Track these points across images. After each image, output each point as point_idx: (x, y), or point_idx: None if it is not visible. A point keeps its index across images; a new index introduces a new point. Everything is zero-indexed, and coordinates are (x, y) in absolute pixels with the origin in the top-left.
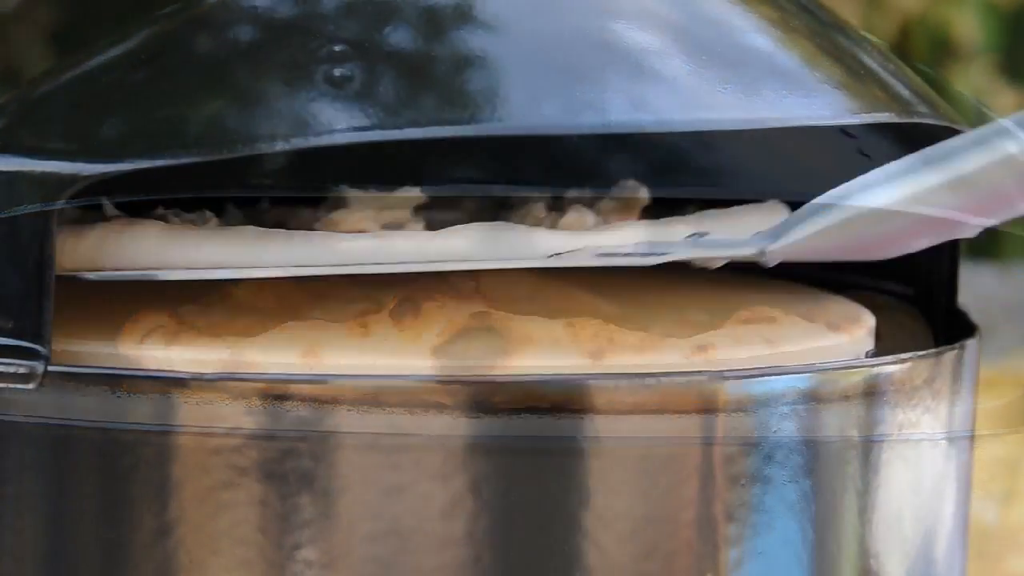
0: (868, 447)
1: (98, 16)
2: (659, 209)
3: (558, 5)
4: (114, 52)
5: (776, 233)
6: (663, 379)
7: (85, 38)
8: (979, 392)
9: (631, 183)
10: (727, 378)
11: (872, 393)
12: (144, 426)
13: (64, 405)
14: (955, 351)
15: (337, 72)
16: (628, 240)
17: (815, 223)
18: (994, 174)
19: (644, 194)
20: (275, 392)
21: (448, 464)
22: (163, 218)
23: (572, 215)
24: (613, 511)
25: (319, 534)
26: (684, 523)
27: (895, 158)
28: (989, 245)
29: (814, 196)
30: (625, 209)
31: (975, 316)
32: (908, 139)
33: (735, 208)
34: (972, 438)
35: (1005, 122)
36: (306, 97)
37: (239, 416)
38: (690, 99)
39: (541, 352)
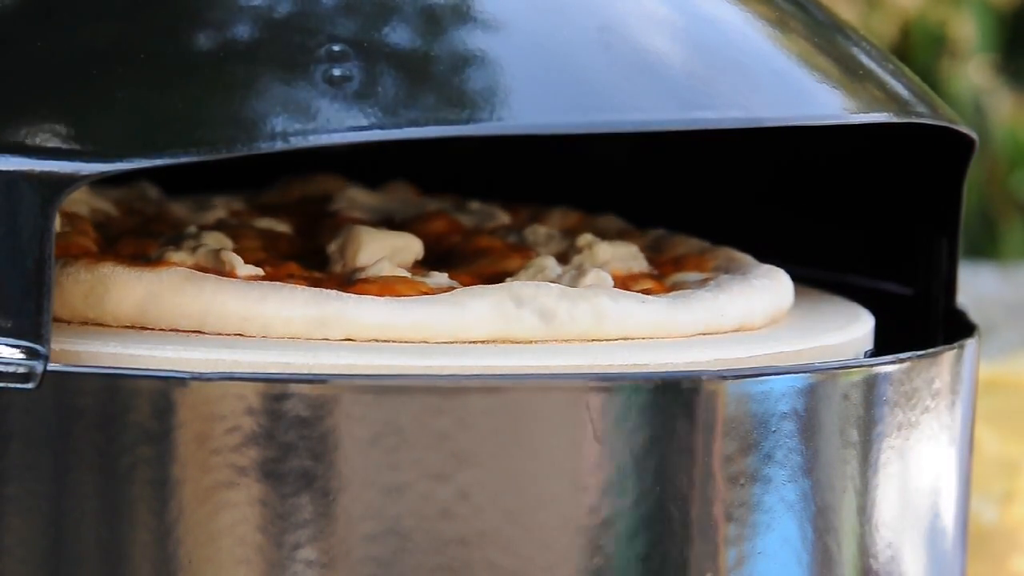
0: (867, 447)
1: None
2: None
3: (558, 4)
4: (111, 48)
5: None
6: (662, 378)
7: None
8: (979, 392)
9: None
10: (727, 377)
11: (871, 393)
12: (144, 426)
13: (64, 405)
14: (954, 351)
15: (336, 71)
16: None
17: None
18: None
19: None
20: (275, 392)
21: (448, 463)
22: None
23: (592, 276)
24: (612, 510)
25: (319, 534)
26: (684, 523)
27: (893, 157)
28: (989, 245)
29: None
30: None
31: (975, 316)
32: (907, 139)
33: (748, 273)
34: (971, 437)
35: None
36: (305, 97)
37: (239, 416)
38: (689, 98)
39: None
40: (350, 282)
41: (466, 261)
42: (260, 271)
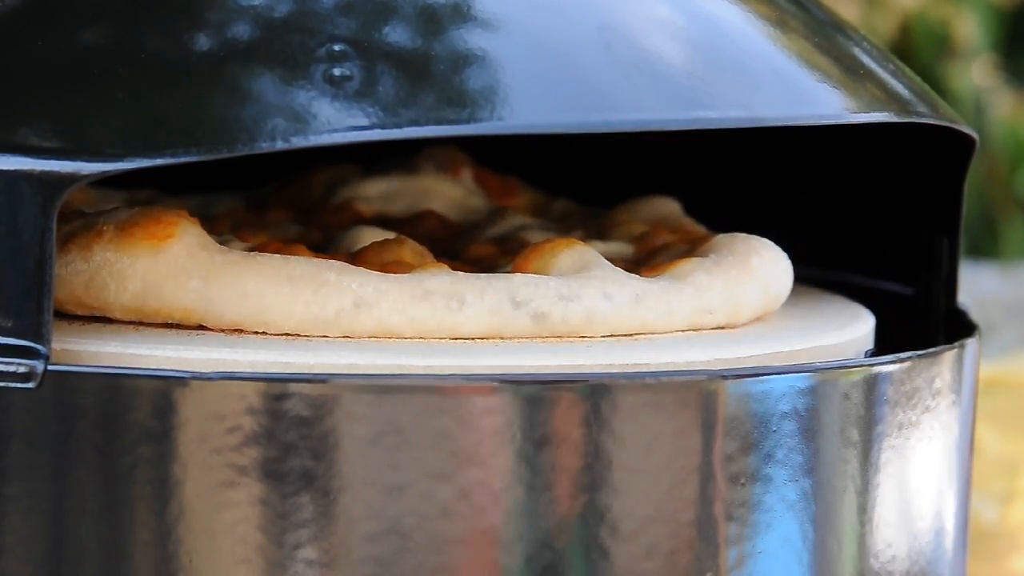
0: (868, 446)
1: None
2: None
3: (558, 3)
4: (111, 48)
5: None
6: (663, 378)
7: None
8: (979, 392)
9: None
10: (727, 377)
11: (872, 392)
12: (144, 425)
13: (64, 404)
14: (955, 351)
15: (336, 71)
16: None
17: None
18: None
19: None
20: (275, 392)
21: (448, 463)
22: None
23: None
24: (612, 510)
25: (319, 533)
26: (684, 523)
27: (893, 156)
28: (989, 245)
29: None
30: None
31: (975, 316)
32: (907, 138)
33: (743, 258)
34: (971, 437)
35: None
36: (305, 96)
37: (239, 415)
38: (690, 98)
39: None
40: (351, 257)
41: (462, 263)
42: (252, 245)
